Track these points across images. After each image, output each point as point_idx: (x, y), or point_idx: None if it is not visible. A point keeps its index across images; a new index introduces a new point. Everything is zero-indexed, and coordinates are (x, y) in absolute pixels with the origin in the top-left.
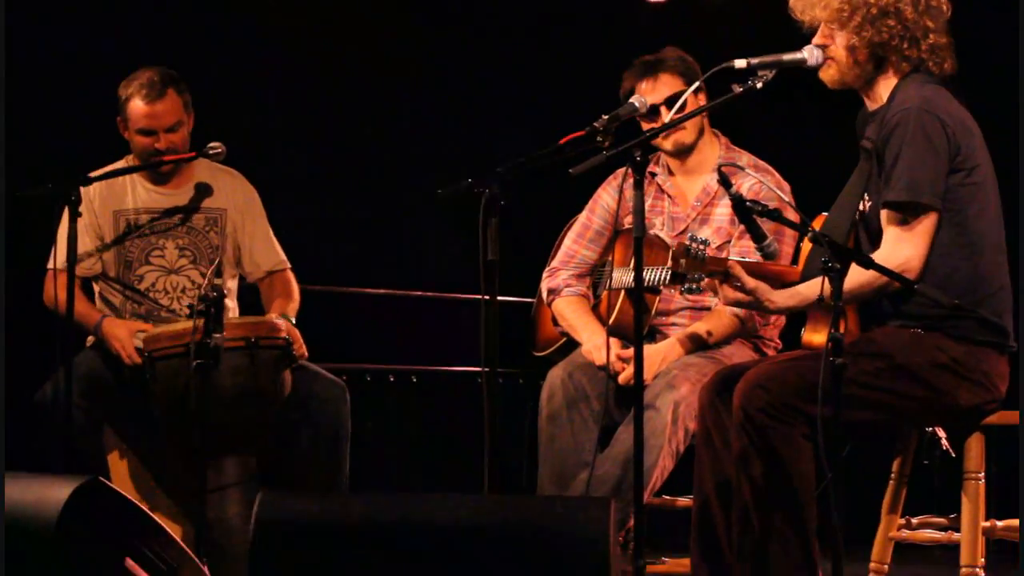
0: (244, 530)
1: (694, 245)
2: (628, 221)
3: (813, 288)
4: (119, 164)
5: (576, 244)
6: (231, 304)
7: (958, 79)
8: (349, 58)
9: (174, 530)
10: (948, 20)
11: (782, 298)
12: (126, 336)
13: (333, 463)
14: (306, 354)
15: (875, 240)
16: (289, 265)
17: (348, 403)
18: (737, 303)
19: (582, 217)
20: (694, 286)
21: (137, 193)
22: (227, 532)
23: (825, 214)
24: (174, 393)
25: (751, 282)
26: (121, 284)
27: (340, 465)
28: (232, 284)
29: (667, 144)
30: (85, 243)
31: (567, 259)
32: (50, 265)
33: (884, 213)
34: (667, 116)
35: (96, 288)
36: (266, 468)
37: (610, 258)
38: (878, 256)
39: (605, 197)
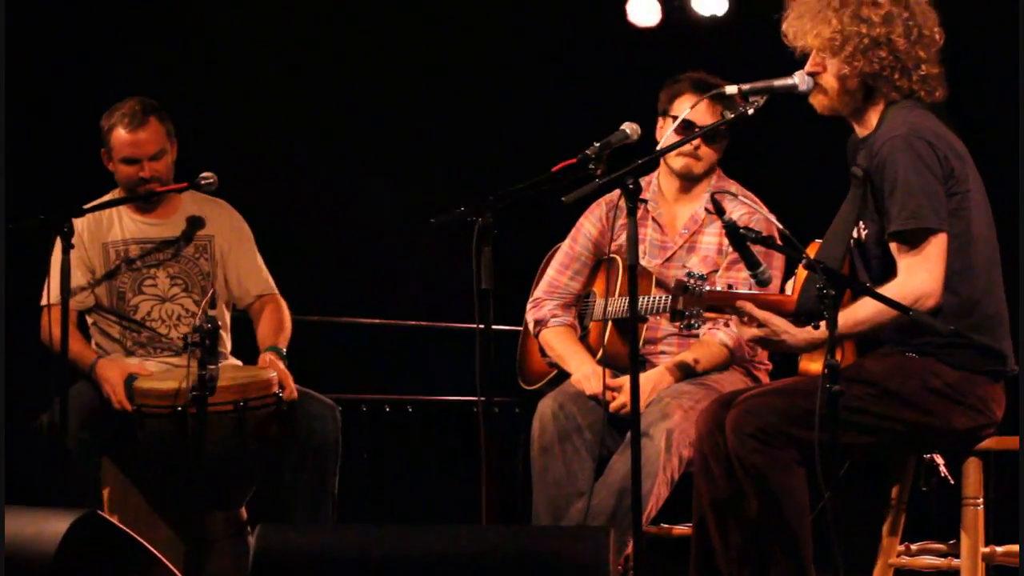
0: None
1: (692, 281)
2: (611, 249)
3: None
4: (107, 197)
5: (560, 274)
6: (225, 336)
7: (947, 104)
8: (342, 85)
9: (172, 559)
10: (940, 49)
11: (799, 339)
12: (117, 380)
13: (322, 483)
14: (295, 396)
15: (871, 268)
16: (277, 291)
17: (338, 423)
18: (756, 339)
19: (564, 246)
20: (693, 322)
21: (124, 224)
22: None
23: (818, 241)
24: (160, 451)
25: (763, 315)
26: (117, 315)
27: (328, 485)
28: (226, 315)
29: (675, 165)
30: (76, 277)
31: (551, 290)
32: (44, 301)
33: (893, 245)
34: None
35: (90, 321)
36: (254, 492)
37: (594, 288)
38: (892, 287)
39: (587, 225)
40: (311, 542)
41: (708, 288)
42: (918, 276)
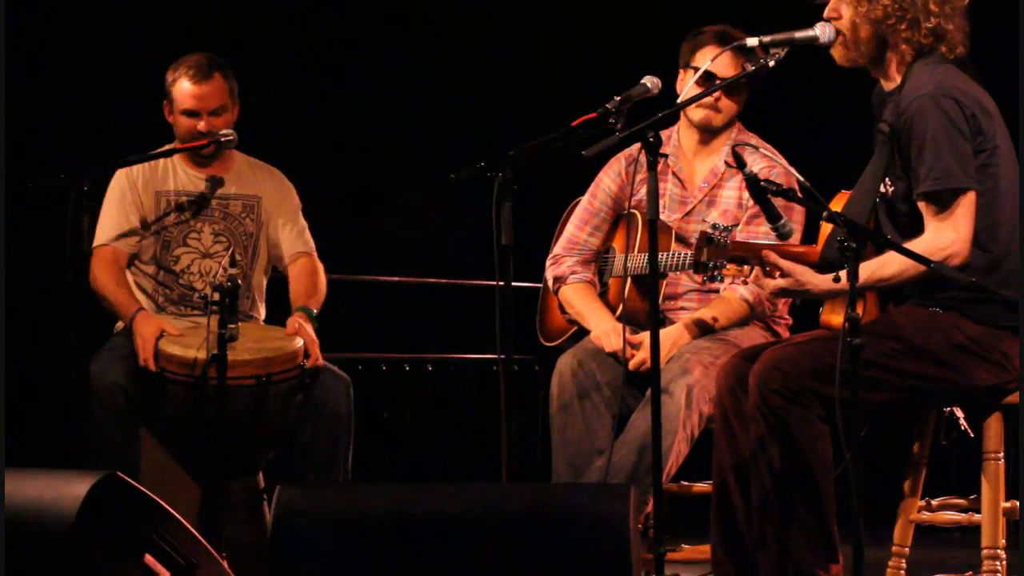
0: (256, 546)
1: (716, 233)
2: (631, 205)
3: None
4: (162, 149)
5: (579, 230)
6: (259, 301)
7: (973, 61)
8: (362, 39)
9: (193, 523)
10: (965, 7)
11: (822, 281)
12: (150, 338)
13: (334, 455)
14: (321, 363)
15: (898, 224)
16: (315, 253)
17: (351, 397)
18: (780, 291)
19: (583, 202)
20: (716, 274)
21: (178, 176)
22: (240, 547)
23: (844, 192)
24: (181, 417)
25: (787, 264)
26: (156, 266)
27: (342, 459)
28: (262, 280)
29: (695, 117)
30: (131, 221)
31: (571, 246)
32: (96, 243)
33: (922, 205)
34: (690, 90)
35: (128, 275)
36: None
37: (614, 244)
38: (919, 244)
39: (606, 181)
40: (330, 502)
41: (733, 241)
42: (946, 235)
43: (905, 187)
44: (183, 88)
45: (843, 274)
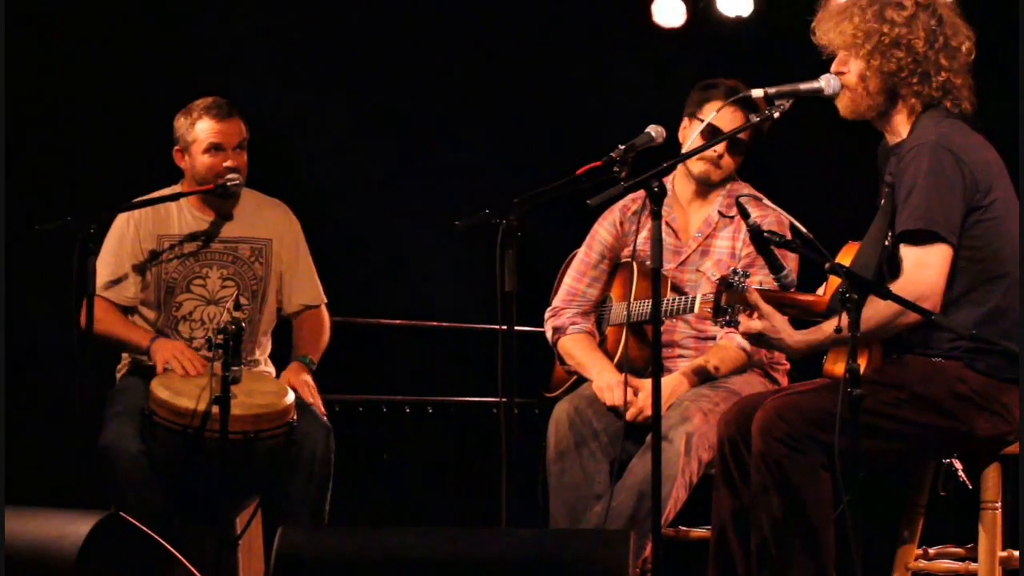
0: None
1: (736, 278)
2: (625, 254)
3: (827, 329)
4: (165, 191)
5: (577, 282)
6: (265, 341)
7: (977, 113)
8: (367, 85)
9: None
10: (971, 62)
11: (796, 340)
12: (181, 346)
13: (312, 502)
14: (319, 408)
15: (896, 275)
16: (325, 301)
17: (331, 445)
18: (752, 332)
19: (580, 254)
20: (733, 319)
21: (183, 218)
22: None
23: (852, 242)
24: (165, 463)
25: (766, 308)
26: (157, 312)
27: (320, 504)
28: (268, 325)
29: (695, 170)
30: (126, 269)
31: (569, 297)
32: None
33: (901, 245)
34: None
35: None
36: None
37: (611, 294)
38: (896, 286)
39: (602, 232)
40: (331, 545)
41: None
42: (922, 278)
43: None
44: (206, 126)
45: (844, 323)
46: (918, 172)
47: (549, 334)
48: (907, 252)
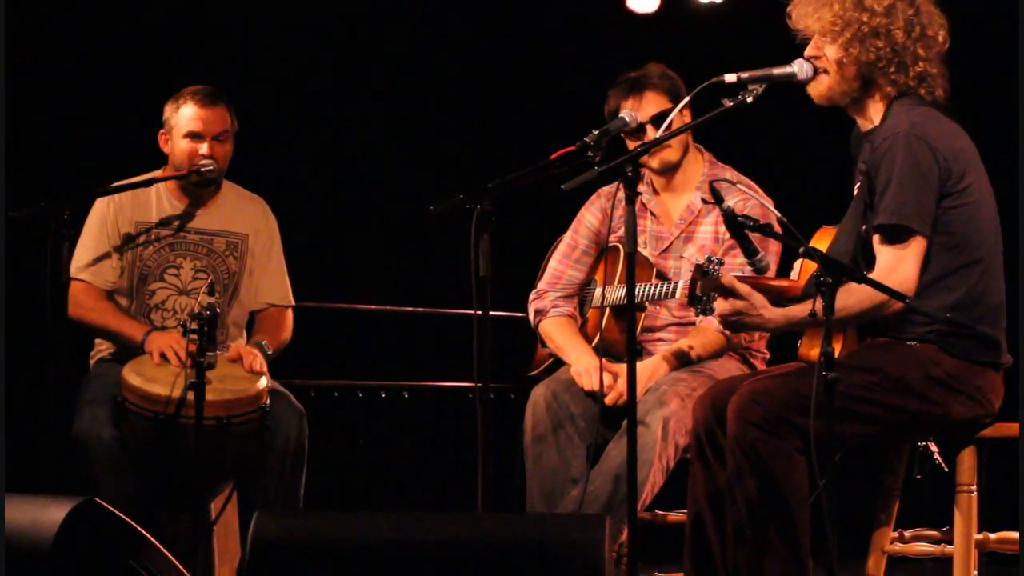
0: None
1: (711, 266)
2: (612, 239)
3: (807, 306)
4: (144, 176)
5: (562, 265)
6: (237, 333)
7: (951, 101)
8: (342, 73)
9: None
10: (945, 51)
11: (775, 312)
12: (176, 338)
13: (287, 486)
14: (265, 372)
15: (870, 262)
16: (292, 303)
17: (304, 429)
18: (729, 314)
19: (567, 237)
20: (709, 306)
21: (162, 206)
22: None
23: (827, 227)
24: (137, 449)
25: (744, 288)
26: (130, 299)
27: (294, 489)
28: (240, 318)
29: (653, 162)
30: (106, 253)
31: (554, 280)
32: (71, 275)
33: (876, 237)
34: (653, 134)
35: None
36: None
37: (595, 277)
38: (872, 276)
39: (588, 216)
40: (306, 530)
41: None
42: (898, 270)
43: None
44: (188, 111)
45: (819, 307)
46: (892, 165)
47: (531, 316)
48: (882, 248)
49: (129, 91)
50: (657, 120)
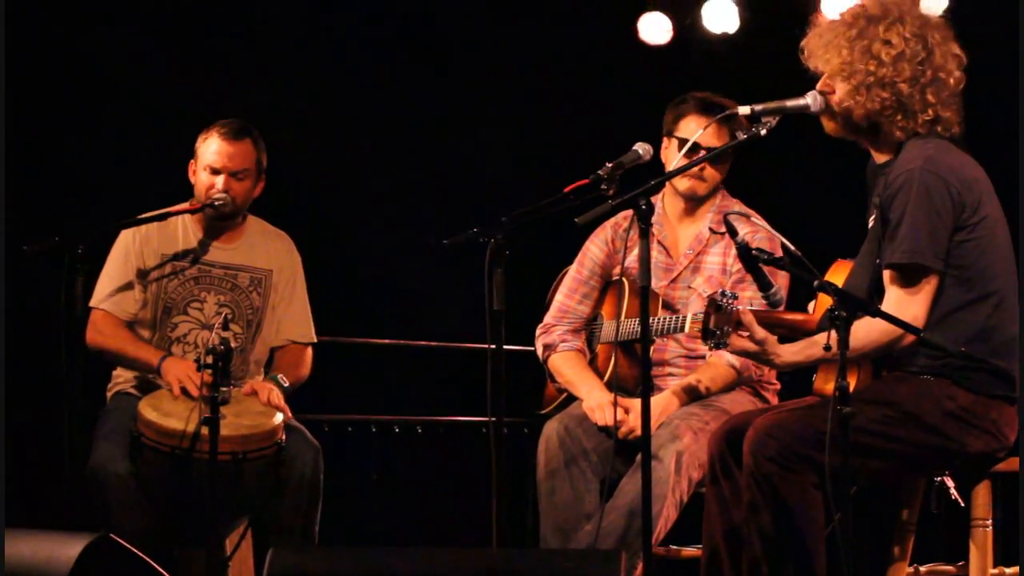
0: None
1: (725, 300)
2: (616, 272)
3: (821, 342)
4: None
5: (568, 299)
6: (256, 371)
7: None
8: (357, 105)
9: None
10: (960, 90)
11: (788, 353)
12: (191, 367)
13: (302, 523)
14: (283, 407)
15: (882, 296)
16: (314, 341)
17: (320, 465)
18: (744, 352)
19: (572, 271)
20: (722, 340)
21: (188, 239)
22: None
23: (841, 260)
24: (152, 484)
25: (760, 332)
26: (152, 330)
27: (310, 525)
28: (262, 354)
29: (681, 186)
30: (130, 284)
31: (560, 315)
32: (92, 303)
33: (887, 274)
34: (678, 160)
35: None
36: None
37: (602, 311)
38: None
39: (593, 249)
40: (322, 565)
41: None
42: (907, 310)
43: None
44: (212, 145)
45: (833, 341)
46: (906, 201)
47: (540, 351)
48: (893, 283)
49: (145, 123)
50: (694, 150)
